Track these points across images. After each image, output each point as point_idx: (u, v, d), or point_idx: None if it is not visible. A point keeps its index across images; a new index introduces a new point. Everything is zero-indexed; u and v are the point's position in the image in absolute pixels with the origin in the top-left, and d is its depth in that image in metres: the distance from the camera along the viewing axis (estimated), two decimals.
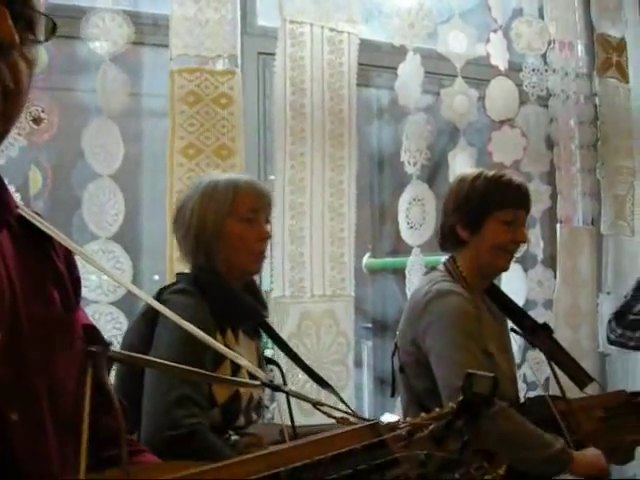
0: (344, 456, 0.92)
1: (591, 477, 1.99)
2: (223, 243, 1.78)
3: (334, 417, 1.12)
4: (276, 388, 1.20)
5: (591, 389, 2.30)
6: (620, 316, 2.67)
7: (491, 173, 2.08)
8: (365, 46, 2.65)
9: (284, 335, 2.35)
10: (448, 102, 2.83)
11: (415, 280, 2.61)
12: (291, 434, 1.51)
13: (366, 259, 3.26)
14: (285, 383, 1.91)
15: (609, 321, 2.71)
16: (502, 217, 2.01)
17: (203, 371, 1.11)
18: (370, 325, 3.49)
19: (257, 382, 1.15)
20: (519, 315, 2.23)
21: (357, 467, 0.92)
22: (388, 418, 1.19)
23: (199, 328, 1.06)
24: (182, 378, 1.58)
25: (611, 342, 2.73)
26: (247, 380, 1.33)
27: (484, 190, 2.03)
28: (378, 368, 3.18)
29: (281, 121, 2.46)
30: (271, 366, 2.00)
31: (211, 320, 1.70)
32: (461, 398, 1.03)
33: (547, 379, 2.93)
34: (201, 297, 1.73)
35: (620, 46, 3.30)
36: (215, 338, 1.63)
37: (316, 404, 1.15)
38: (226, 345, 1.63)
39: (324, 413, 1.12)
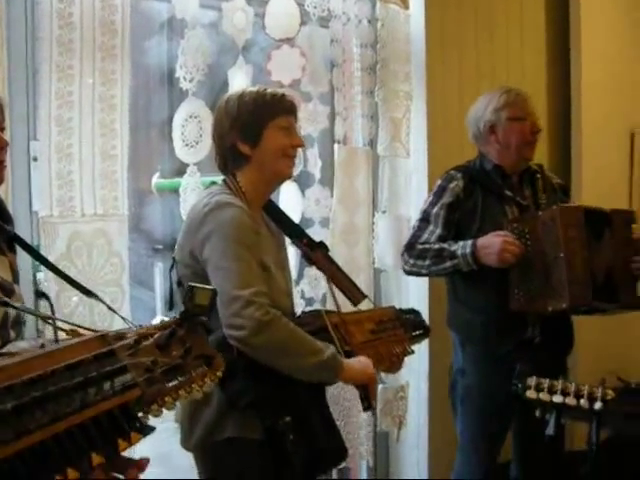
0: (76, 366, 0.97)
1: (360, 383, 2.11)
2: None
3: (63, 330, 1.11)
4: (4, 304, 1.17)
5: (365, 305, 2.43)
6: (410, 247, 2.80)
7: (254, 89, 2.14)
8: None
9: (54, 256, 2.28)
10: (229, 18, 2.78)
11: (191, 200, 2.59)
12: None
13: (155, 179, 3.20)
14: (53, 312, 1.85)
15: (402, 254, 2.84)
16: (278, 124, 2.09)
17: None
18: (161, 246, 3.46)
19: None
20: (297, 233, 2.30)
21: (89, 375, 0.97)
22: None
23: None
24: None
25: (408, 273, 2.86)
26: None
27: (255, 103, 2.08)
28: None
29: (47, 30, 2.32)
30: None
31: None
32: (182, 310, 1.07)
33: (324, 295, 3.06)
34: None
35: None
36: None
37: (44, 318, 1.15)
38: None
39: (53, 327, 1.11)
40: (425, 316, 3.14)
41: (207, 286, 1.08)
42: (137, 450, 1.53)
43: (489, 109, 2.79)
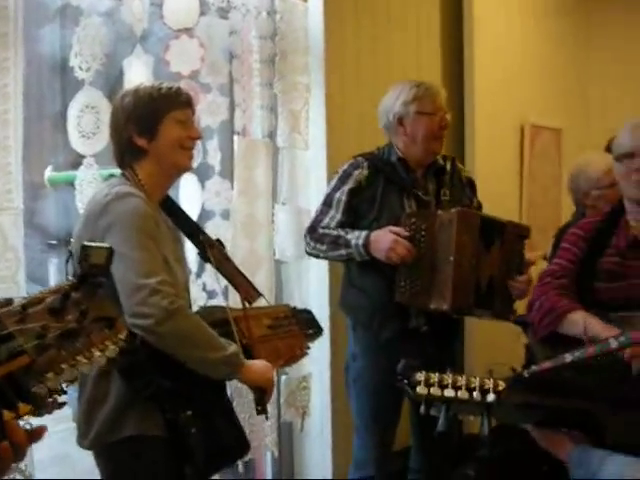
0: None
1: (258, 385, 2.12)
2: None
3: None
4: None
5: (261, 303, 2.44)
6: (312, 230, 2.84)
7: (150, 84, 2.15)
8: None
9: None
10: (127, 6, 2.72)
11: (88, 193, 2.52)
12: None
13: (48, 172, 3.10)
14: None
15: (305, 235, 2.87)
16: (174, 117, 2.09)
17: None
18: (55, 242, 3.35)
19: None
20: (193, 230, 2.29)
21: None
22: None
23: None
24: None
25: (309, 254, 2.91)
26: None
27: (150, 97, 2.07)
28: None
29: None
30: None
31: None
32: (79, 270, 1.00)
33: (226, 287, 3.05)
34: None
35: None
36: None
37: None
38: None
39: None
40: (326, 307, 3.22)
41: (102, 244, 1.01)
42: (35, 451, 1.49)
43: (399, 101, 2.82)
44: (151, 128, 2.06)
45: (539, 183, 4.70)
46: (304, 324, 2.47)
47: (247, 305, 2.30)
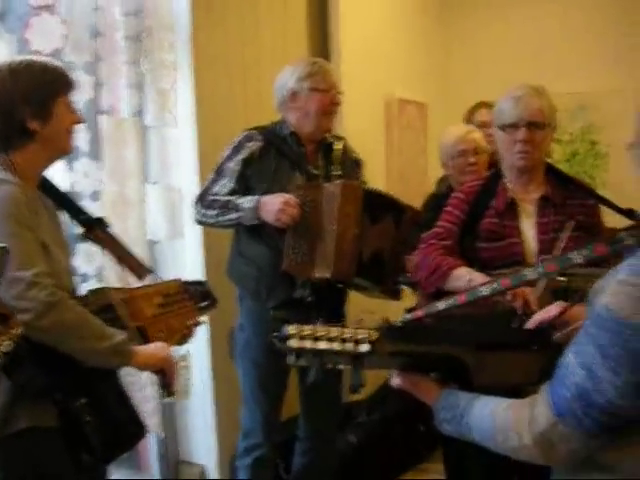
0: None
1: (156, 368, 2.09)
2: None
3: None
4: None
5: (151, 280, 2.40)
6: (201, 198, 2.88)
7: (37, 60, 2.05)
8: None
9: None
10: None
11: None
12: None
13: None
14: None
15: (195, 203, 2.90)
16: (64, 100, 2.03)
17: None
18: None
19: None
20: (74, 210, 2.25)
21: None
22: None
23: None
24: None
25: (198, 222, 2.94)
26: None
27: (44, 79, 1.99)
28: None
29: None
30: None
31: None
32: None
33: (100, 269, 3.00)
34: None
35: None
36: None
37: None
38: None
39: None
40: None
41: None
42: None
43: (293, 78, 2.90)
44: (46, 111, 1.98)
45: (406, 155, 4.85)
46: (197, 297, 2.45)
47: (137, 284, 2.27)
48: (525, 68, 5.03)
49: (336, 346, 1.33)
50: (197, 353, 3.43)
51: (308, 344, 1.34)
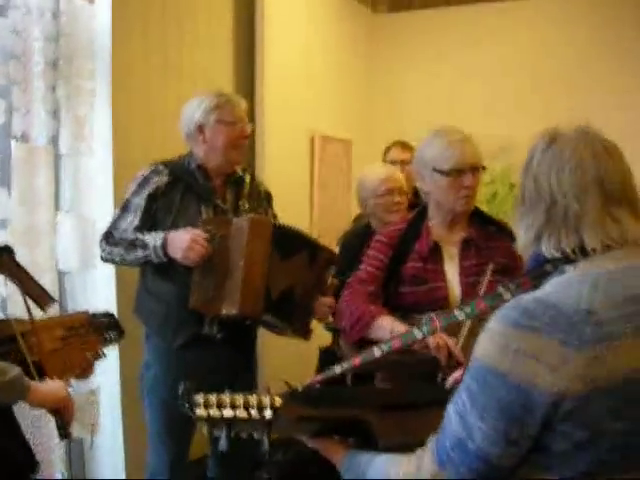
0: None
1: (52, 407, 2.02)
2: None
3: None
4: None
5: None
6: (107, 235, 2.78)
7: None
8: None
9: None
10: None
11: None
12: None
13: None
14: None
15: (100, 241, 2.79)
16: None
17: None
18: None
19: None
20: None
21: None
22: None
23: None
24: None
25: (104, 260, 2.84)
26: None
27: None
28: None
29: None
30: None
31: None
32: None
33: (3, 300, 2.89)
34: None
35: None
36: None
37: None
38: None
39: None
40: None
41: None
42: None
43: (200, 110, 2.83)
44: None
45: (329, 192, 4.87)
46: (103, 329, 2.38)
47: (41, 315, 2.19)
48: (447, 109, 5.17)
49: (241, 413, 1.37)
50: (107, 388, 3.34)
51: (215, 412, 1.38)
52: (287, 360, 4.01)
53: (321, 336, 3.35)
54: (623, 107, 4.98)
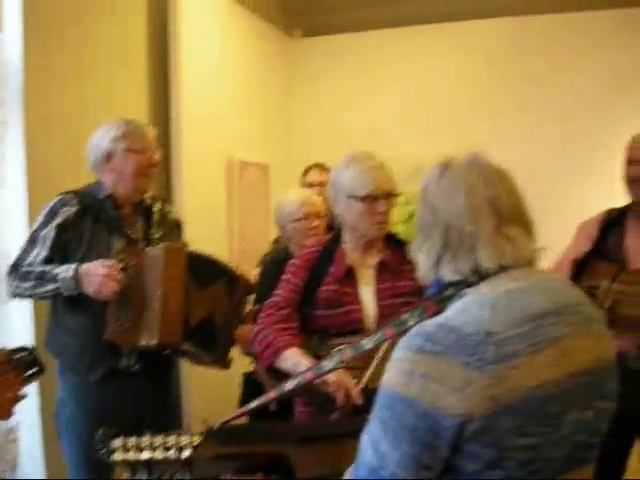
0: None
1: None
2: None
3: None
4: None
5: None
6: (14, 269, 2.71)
7: None
8: None
9: None
10: None
11: None
12: None
13: None
14: None
15: (7, 276, 2.71)
16: None
17: None
18: None
19: None
20: None
21: None
22: None
23: None
24: None
25: (13, 295, 2.76)
26: None
27: None
28: None
29: None
30: None
31: None
32: None
33: None
34: None
35: None
36: None
37: None
38: None
39: None
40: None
41: None
42: None
43: (107, 138, 2.80)
44: None
45: (247, 217, 4.87)
46: (22, 366, 2.30)
47: None
48: (363, 132, 5.27)
49: (159, 455, 1.36)
50: (27, 425, 3.24)
51: (133, 456, 1.36)
52: (212, 387, 3.98)
53: (243, 359, 3.35)
54: (529, 131, 5.20)
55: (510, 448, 1.23)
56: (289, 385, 1.83)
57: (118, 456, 1.38)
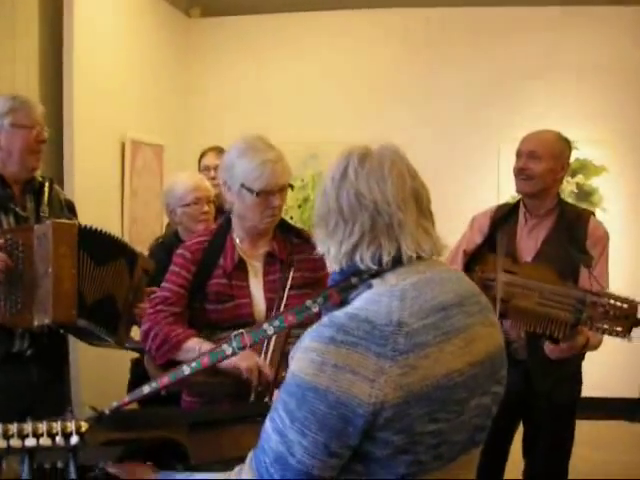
0: None
1: None
2: None
3: None
4: None
5: None
6: None
7: None
8: None
9: None
10: None
11: None
12: None
13: None
14: None
15: None
16: None
17: None
18: None
19: None
20: None
21: None
22: None
23: None
24: None
25: None
26: None
27: None
28: None
29: None
30: None
31: None
32: None
33: None
34: None
35: None
36: None
37: None
38: None
39: None
40: None
41: None
42: None
43: None
44: None
45: (141, 198, 4.79)
46: None
47: None
48: (262, 115, 5.27)
49: (45, 442, 1.31)
50: None
51: (16, 442, 1.30)
52: (101, 372, 3.92)
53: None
54: (427, 123, 5.34)
55: (420, 433, 1.28)
56: (185, 370, 1.76)
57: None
